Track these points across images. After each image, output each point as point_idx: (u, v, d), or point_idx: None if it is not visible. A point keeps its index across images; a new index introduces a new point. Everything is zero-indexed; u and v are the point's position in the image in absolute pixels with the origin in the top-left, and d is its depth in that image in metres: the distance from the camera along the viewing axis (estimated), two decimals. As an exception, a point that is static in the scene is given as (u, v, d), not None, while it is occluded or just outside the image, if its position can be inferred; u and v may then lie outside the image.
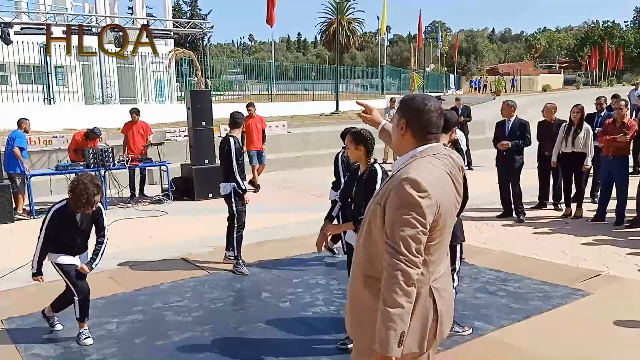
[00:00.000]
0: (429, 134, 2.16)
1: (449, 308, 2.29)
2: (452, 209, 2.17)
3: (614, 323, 4.45)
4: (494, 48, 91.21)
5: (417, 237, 1.99)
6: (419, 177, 2.00)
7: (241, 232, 6.13)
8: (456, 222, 4.29)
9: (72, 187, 4.19)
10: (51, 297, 5.30)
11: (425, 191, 1.99)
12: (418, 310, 2.10)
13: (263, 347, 4.25)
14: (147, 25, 14.72)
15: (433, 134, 2.16)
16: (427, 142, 2.16)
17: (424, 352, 2.17)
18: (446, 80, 45.25)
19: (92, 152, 9.44)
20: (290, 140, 15.36)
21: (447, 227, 2.17)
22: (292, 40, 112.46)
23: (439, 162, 2.13)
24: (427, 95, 2.24)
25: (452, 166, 2.18)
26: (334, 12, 55.90)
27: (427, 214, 1.99)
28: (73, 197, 4.17)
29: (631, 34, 73.97)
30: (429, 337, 2.16)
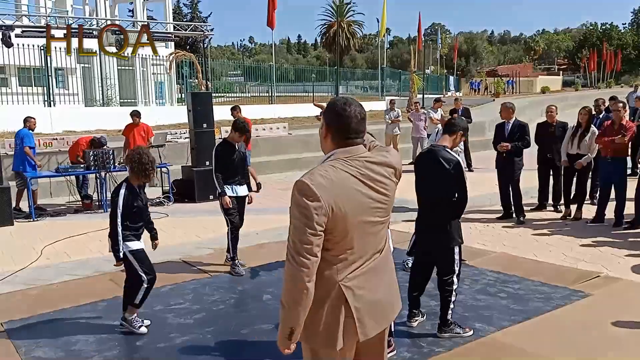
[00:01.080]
0: (347, 138, 2.22)
1: (372, 306, 2.28)
2: (360, 209, 2.19)
3: (613, 324, 4.46)
4: (493, 50, 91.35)
5: (306, 239, 2.09)
6: (309, 180, 2.10)
7: (236, 234, 6.13)
8: (455, 224, 4.30)
9: (134, 159, 4.38)
10: (51, 300, 5.33)
11: (312, 194, 2.06)
12: (326, 309, 2.21)
13: (265, 349, 4.26)
14: (148, 26, 14.71)
15: (352, 139, 2.22)
16: (345, 146, 2.22)
17: (338, 348, 2.23)
18: (446, 82, 45.28)
19: (93, 154, 9.46)
20: (291, 141, 15.38)
21: (356, 228, 2.21)
22: (292, 43, 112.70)
23: (346, 164, 2.18)
24: (350, 99, 2.27)
25: (366, 167, 2.21)
26: (334, 14, 55.95)
27: (314, 215, 2.06)
28: (139, 167, 4.35)
29: (629, 36, 74.09)
30: (344, 334, 2.22)
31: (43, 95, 16.90)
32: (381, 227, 2.31)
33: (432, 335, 4.38)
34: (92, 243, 7.50)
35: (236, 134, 6.12)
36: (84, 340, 4.45)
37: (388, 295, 2.38)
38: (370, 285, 2.29)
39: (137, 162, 4.38)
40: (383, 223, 2.31)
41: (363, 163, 2.22)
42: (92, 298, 5.36)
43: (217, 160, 6.06)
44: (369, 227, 2.25)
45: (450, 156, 4.21)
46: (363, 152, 2.26)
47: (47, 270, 6.37)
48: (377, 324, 2.31)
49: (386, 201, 2.29)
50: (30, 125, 9.51)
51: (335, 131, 2.23)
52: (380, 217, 2.28)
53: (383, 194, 2.26)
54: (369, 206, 2.23)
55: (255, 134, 15.11)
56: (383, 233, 2.34)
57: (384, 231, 2.36)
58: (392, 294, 2.41)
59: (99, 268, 6.34)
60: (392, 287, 2.42)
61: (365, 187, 2.21)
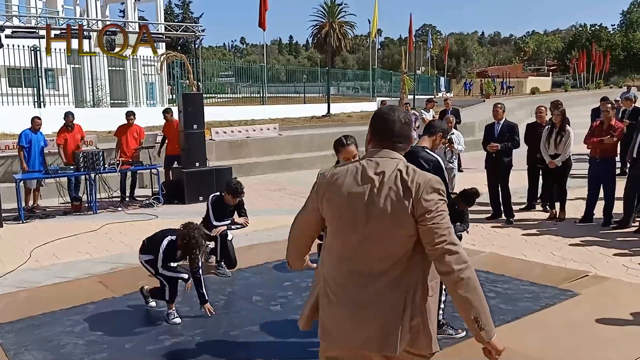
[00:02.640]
0: (390, 141, 2.30)
1: (339, 324, 2.25)
2: (346, 207, 2.23)
3: (602, 323, 4.51)
4: (484, 51, 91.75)
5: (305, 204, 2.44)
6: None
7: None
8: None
9: (184, 240, 4.63)
10: (40, 303, 5.30)
11: (319, 175, 2.39)
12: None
13: (254, 351, 4.26)
14: (146, 26, 14.70)
15: (394, 142, 2.30)
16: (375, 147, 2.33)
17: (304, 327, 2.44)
18: (437, 83, 45.43)
19: (83, 156, 9.41)
20: (282, 142, 15.37)
21: (340, 229, 2.27)
22: (283, 43, 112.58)
23: (357, 164, 2.30)
24: (396, 107, 2.43)
25: (368, 168, 2.24)
26: (326, 15, 56.04)
27: (313, 190, 2.39)
28: (185, 249, 4.66)
29: (618, 37, 74.68)
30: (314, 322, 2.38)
31: (33, 96, 16.79)
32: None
33: (422, 336, 4.39)
34: (82, 245, 7.46)
35: (229, 196, 6.02)
36: (73, 343, 4.42)
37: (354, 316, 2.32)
38: (346, 299, 2.37)
39: (184, 245, 4.62)
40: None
41: (361, 167, 2.30)
42: (82, 300, 5.33)
43: (212, 210, 6.08)
44: (351, 233, 2.34)
45: (430, 157, 4.24)
46: (374, 155, 2.29)
47: (36, 272, 6.33)
48: (339, 340, 2.31)
49: (372, 206, 2.29)
50: (33, 125, 9.55)
51: (379, 134, 2.32)
52: (365, 223, 2.32)
53: (371, 197, 2.26)
54: (351, 208, 2.31)
55: (245, 134, 15.12)
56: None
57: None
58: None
59: (88, 270, 6.31)
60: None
61: (354, 187, 2.30)
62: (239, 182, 6.15)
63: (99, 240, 7.74)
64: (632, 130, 8.17)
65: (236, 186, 6.02)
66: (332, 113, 22.60)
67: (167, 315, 4.83)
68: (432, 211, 2.13)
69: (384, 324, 2.19)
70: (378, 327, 2.19)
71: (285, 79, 29.92)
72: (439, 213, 2.14)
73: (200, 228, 4.86)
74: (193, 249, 4.60)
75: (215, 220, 6.04)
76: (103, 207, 9.80)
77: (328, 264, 2.33)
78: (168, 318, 4.81)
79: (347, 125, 18.37)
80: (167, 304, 4.86)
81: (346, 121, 20.81)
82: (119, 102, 21.99)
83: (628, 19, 78.71)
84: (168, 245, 4.78)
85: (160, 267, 4.78)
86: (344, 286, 2.26)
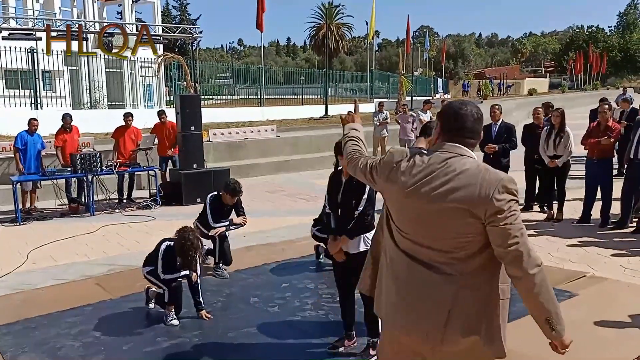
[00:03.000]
0: (463, 136, 2.26)
1: (391, 302, 2.29)
2: (407, 199, 2.21)
3: (600, 323, 4.51)
4: (481, 53, 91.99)
5: (371, 162, 2.42)
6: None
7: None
8: None
9: (179, 242, 4.68)
10: (37, 305, 5.28)
11: (389, 153, 2.36)
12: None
13: (252, 353, 4.25)
14: (147, 26, 14.68)
15: (467, 137, 2.27)
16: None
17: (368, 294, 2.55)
18: (434, 85, 45.48)
19: (80, 157, 9.39)
20: (279, 144, 15.37)
21: (400, 220, 2.28)
22: (281, 45, 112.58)
23: (424, 157, 2.24)
24: (467, 100, 2.38)
25: (437, 162, 2.20)
26: (323, 17, 56.10)
27: (380, 162, 2.36)
28: (180, 251, 4.68)
29: (615, 39, 74.96)
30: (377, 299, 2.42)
31: (30, 98, 16.73)
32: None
33: (420, 337, 4.39)
34: (79, 247, 7.44)
35: (227, 196, 6.04)
36: (70, 345, 4.40)
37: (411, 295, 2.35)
38: (400, 279, 2.38)
39: (180, 248, 4.67)
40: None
41: (431, 159, 2.25)
42: (79, 302, 5.32)
43: (210, 210, 6.07)
44: (406, 218, 2.35)
45: None
46: (443, 148, 2.23)
47: (33, 274, 6.31)
48: (395, 315, 2.35)
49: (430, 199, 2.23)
50: (30, 127, 9.57)
51: (450, 129, 2.23)
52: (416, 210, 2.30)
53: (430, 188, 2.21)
54: (406, 194, 2.31)
55: (243, 136, 15.12)
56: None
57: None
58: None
59: (85, 272, 6.29)
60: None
61: (417, 175, 2.29)
62: (237, 181, 6.15)
63: (96, 242, 7.72)
64: (629, 131, 8.19)
65: (234, 185, 6.02)
66: (329, 114, 22.59)
67: (165, 316, 4.82)
68: (504, 211, 2.05)
69: (431, 315, 2.16)
70: (425, 317, 2.17)
71: (283, 81, 29.92)
72: (511, 213, 2.06)
73: (196, 230, 4.91)
74: (189, 251, 4.64)
75: (213, 221, 6.03)
76: (100, 209, 9.78)
77: (388, 242, 2.34)
78: (166, 319, 4.80)
79: (345, 127, 18.34)
80: (166, 307, 4.86)
81: (344, 123, 20.78)
82: (116, 103, 21.93)
83: (625, 21, 79.02)
84: (166, 250, 4.81)
85: (161, 273, 4.79)
86: (400, 270, 2.26)
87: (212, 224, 6.02)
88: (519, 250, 2.05)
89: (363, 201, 3.88)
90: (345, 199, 3.95)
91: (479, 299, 2.15)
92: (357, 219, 3.88)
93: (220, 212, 6.14)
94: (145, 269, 5.00)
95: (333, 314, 4.83)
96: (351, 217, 3.90)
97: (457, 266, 2.14)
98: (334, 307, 4.91)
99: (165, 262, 4.80)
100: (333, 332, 4.40)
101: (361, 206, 3.88)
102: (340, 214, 3.98)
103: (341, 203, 3.97)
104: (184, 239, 4.65)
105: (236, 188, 6.01)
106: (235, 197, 6.05)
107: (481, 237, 2.10)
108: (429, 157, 2.21)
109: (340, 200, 3.97)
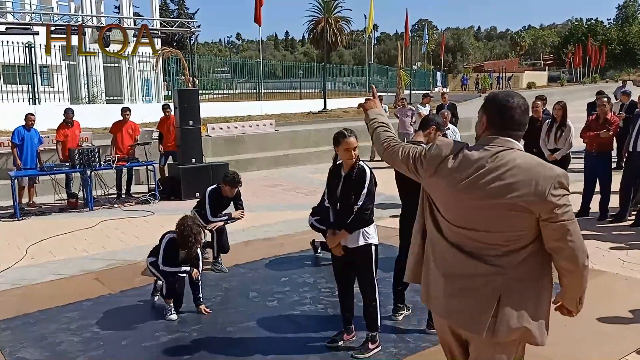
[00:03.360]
0: (508, 129, 2.22)
1: (436, 291, 2.31)
2: (455, 192, 2.18)
3: (598, 316, 4.51)
4: (480, 46, 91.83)
5: (414, 152, 2.37)
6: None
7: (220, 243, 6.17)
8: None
9: (179, 229, 4.73)
10: (36, 300, 5.28)
11: (435, 146, 2.30)
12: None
13: (251, 347, 4.25)
14: (147, 26, 14.67)
15: (514, 130, 2.22)
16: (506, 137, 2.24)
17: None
18: (433, 78, 45.38)
19: (78, 152, 9.38)
20: (278, 138, 15.35)
21: (448, 211, 2.25)
22: (279, 39, 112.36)
23: (473, 152, 2.21)
24: (512, 91, 2.32)
25: (486, 157, 2.16)
26: (322, 10, 55.86)
27: (425, 155, 2.31)
28: (181, 238, 4.72)
29: (614, 32, 74.73)
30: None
31: (28, 93, 16.70)
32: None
33: (419, 331, 4.40)
34: (77, 242, 7.44)
35: (227, 187, 6.03)
36: (69, 340, 4.41)
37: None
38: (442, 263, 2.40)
39: (180, 234, 4.72)
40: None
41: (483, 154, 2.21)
42: (78, 297, 5.32)
43: (209, 203, 6.06)
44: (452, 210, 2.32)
45: None
46: (490, 143, 2.19)
47: (31, 269, 6.31)
48: (436, 299, 2.37)
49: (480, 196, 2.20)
50: (27, 122, 9.55)
51: (498, 122, 2.20)
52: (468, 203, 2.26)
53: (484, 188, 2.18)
54: (460, 189, 2.29)
55: (241, 130, 15.10)
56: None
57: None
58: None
59: (84, 267, 6.29)
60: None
61: (470, 172, 2.24)
62: (235, 172, 6.16)
63: (95, 237, 7.71)
64: (628, 124, 8.18)
65: (233, 176, 6.03)
66: (328, 109, 22.56)
67: (165, 311, 4.83)
68: (560, 207, 2.05)
69: (482, 307, 2.16)
70: (476, 309, 2.17)
71: (282, 75, 29.82)
72: (567, 209, 2.07)
73: (195, 218, 4.97)
74: (189, 237, 4.67)
75: (211, 215, 6.03)
76: (99, 203, 9.77)
77: (434, 234, 2.32)
78: (165, 314, 4.80)
79: (344, 121, 18.34)
80: (165, 300, 4.86)
81: (343, 116, 20.79)
82: (114, 98, 21.88)
83: (624, 13, 78.81)
84: (168, 242, 4.83)
85: (160, 264, 4.79)
86: (449, 262, 2.25)
87: (210, 218, 6.01)
88: (575, 245, 2.09)
89: (362, 196, 3.86)
90: (345, 193, 3.93)
91: (528, 290, 2.17)
92: (357, 214, 3.87)
93: (219, 205, 6.13)
94: (149, 260, 5.02)
95: (332, 308, 4.83)
96: (350, 211, 3.88)
97: (507, 258, 2.15)
98: (332, 301, 4.92)
99: (167, 254, 4.82)
100: (332, 326, 4.41)
101: (361, 201, 3.86)
102: (339, 208, 3.96)
103: (340, 197, 3.96)
104: (183, 225, 4.72)
105: (235, 178, 6.01)
106: (234, 187, 6.04)
107: (533, 230, 2.12)
108: (479, 151, 2.18)
109: (340, 194, 3.96)
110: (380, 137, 2.58)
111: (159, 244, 4.95)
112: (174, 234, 4.85)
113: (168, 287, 4.82)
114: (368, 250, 3.95)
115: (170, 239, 4.87)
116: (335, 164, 4.09)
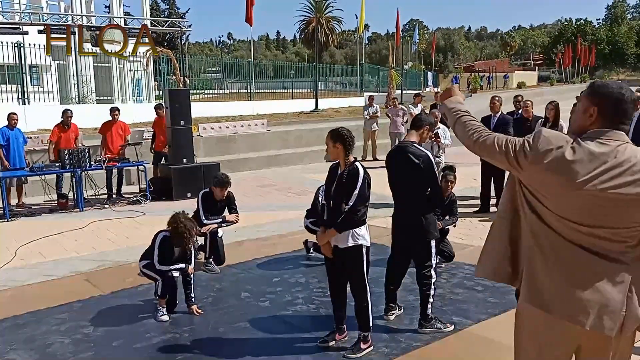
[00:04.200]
0: (620, 123, 2.16)
1: (570, 288, 2.19)
2: (573, 188, 2.09)
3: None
4: (470, 46, 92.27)
5: (512, 143, 2.23)
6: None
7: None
8: (430, 218, 4.34)
9: (172, 224, 4.77)
10: (26, 301, 5.24)
11: (536, 136, 2.20)
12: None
13: (243, 347, 4.24)
14: (147, 26, 14.62)
15: (625, 124, 2.16)
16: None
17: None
18: (424, 78, 45.50)
19: (68, 153, 9.31)
20: (269, 138, 15.33)
21: (555, 199, 2.15)
22: (271, 39, 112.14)
23: (591, 147, 2.12)
24: (621, 82, 2.25)
25: (605, 151, 2.10)
26: (313, 10, 55.87)
27: (530, 146, 2.19)
28: (175, 233, 4.75)
29: (603, 32, 75.29)
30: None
31: (17, 93, 16.55)
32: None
33: (410, 330, 4.41)
34: (68, 243, 7.39)
35: (217, 189, 6.04)
36: (60, 342, 4.37)
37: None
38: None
39: (173, 231, 4.75)
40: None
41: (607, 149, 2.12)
42: (68, 299, 5.28)
43: (202, 206, 6.08)
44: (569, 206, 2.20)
45: (419, 151, 4.22)
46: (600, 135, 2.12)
47: (21, 270, 6.26)
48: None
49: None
50: (10, 122, 9.47)
51: (611, 115, 2.12)
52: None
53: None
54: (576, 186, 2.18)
55: (233, 130, 15.06)
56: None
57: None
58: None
59: (74, 268, 6.25)
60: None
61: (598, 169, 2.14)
62: (224, 173, 6.17)
63: (85, 237, 7.66)
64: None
65: (221, 177, 6.05)
66: (320, 108, 22.55)
67: (155, 312, 4.81)
68: None
69: (609, 304, 2.11)
70: (603, 306, 2.11)
71: (273, 75, 29.77)
72: None
73: (187, 215, 4.99)
74: (184, 233, 4.69)
75: (204, 218, 6.01)
76: (90, 204, 9.71)
77: (544, 230, 2.20)
78: (156, 315, 4.78)
79: (335, 121, 18.34)
80: (158, 300, 4.85)
81: (334, 116, 20.79)
82: (104, 98, 21.73)
83: (612, 14, 79.42)
84: (162, 241, 4.85)
85: (156, 263, 4.79)
86: (567, 260, 2.18)
87: (204, 220, 6.00)
88: None
89: (353, 197, 3.83)
90: (337, 192, 3.93)
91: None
92: (346, 214, 3.85)
93: (212, 208, 6.11)
94: (141, 263, 5.01)
95: (324, 308, 4.83)
96: (340, 210, 3.88)
97: (630, 254, 2.12)
98: (325, 301, 4.92)
99: (161, 253, 4.82)
100: (324, 326, 4.41)
101: (351, 201, 3.84)
102: (332, 206, 3.97)
103: (333, 196, 3.96)
104: (176, 222, 4.75)
105: (223, 179, 6.02)
106: (224, 189, 6.03)
107: None
108: (597, 144, 2.11)
109: (333, 192, 3.97)
110: (466, 127, 2.40)
111: (152, 245, 4.93)
112: (167, 232, 4.84)
113: (164, 285, 4.80)
114: (358, 251, 3.93)
115: (164, 237, 4.86)
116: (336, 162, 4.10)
